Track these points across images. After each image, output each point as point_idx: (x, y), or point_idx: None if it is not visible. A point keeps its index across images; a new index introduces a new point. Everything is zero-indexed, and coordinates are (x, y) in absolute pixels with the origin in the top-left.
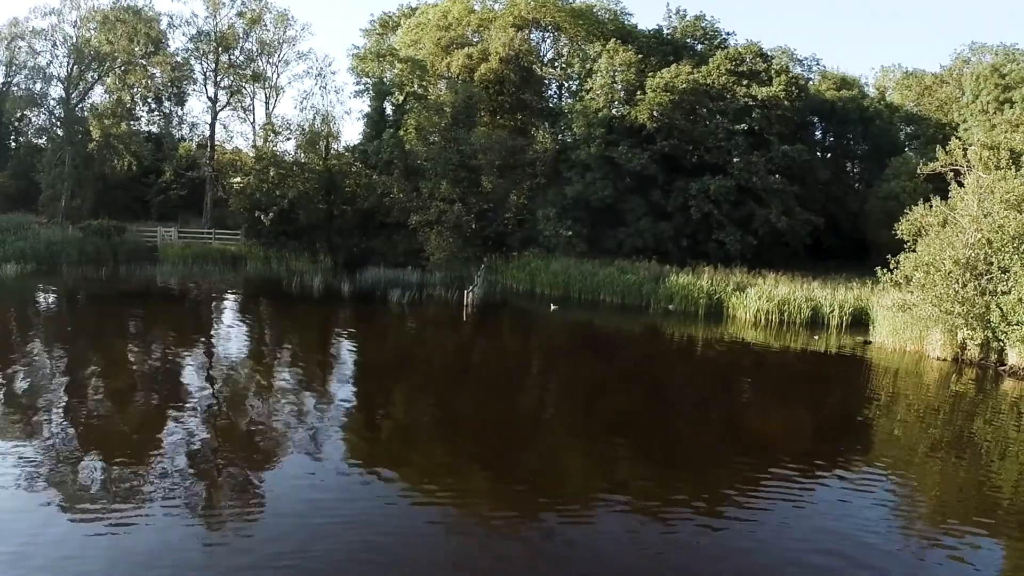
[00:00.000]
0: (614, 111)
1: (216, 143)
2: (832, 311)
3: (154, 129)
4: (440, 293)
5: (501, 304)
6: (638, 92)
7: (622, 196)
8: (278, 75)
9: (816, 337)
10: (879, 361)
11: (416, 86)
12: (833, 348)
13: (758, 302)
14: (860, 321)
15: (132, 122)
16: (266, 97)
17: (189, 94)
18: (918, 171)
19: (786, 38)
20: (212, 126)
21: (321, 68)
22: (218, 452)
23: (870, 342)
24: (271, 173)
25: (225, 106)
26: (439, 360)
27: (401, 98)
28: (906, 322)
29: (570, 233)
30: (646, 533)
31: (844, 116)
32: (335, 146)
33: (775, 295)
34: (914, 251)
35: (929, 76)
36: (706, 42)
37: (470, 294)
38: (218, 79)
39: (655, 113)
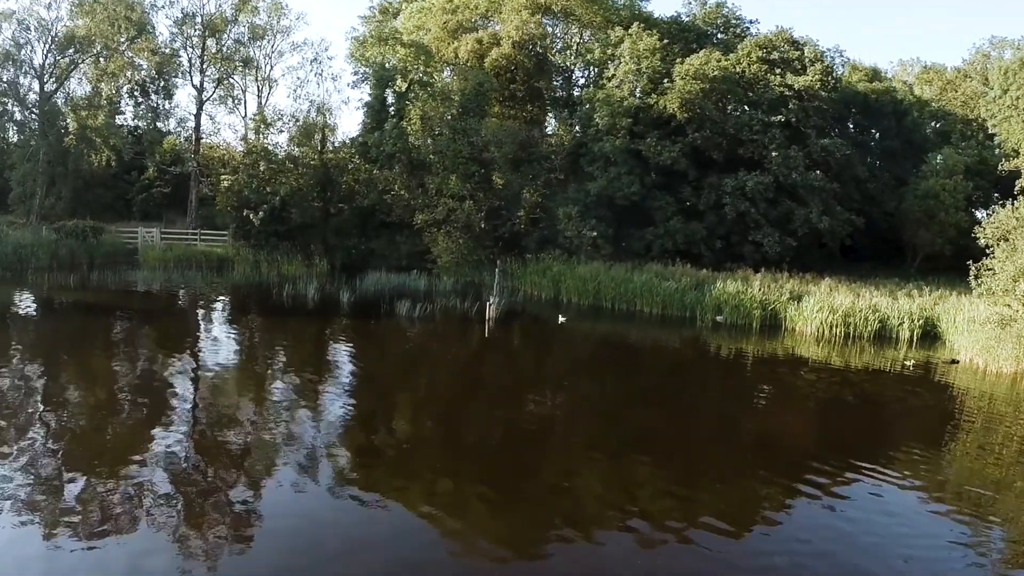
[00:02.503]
0: (639, 100)
1: (202, 136)
2: (901, 323)
3: (140, 123)
4: (455, 304)
5: (525, 316)
6: (665, 80)
7: (650, 193)
8: (271, 67)
9: (909, 363)
10: (969, 383)
11: (421, 72)
12: (911, 367)
13: (820, 313)
14: (928, 334)
15: (115, 114)
16: (259, 90)
17: (177, 86)
18: (1000, 168)
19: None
20: (197, 117)
21: (317, 53)
22: (202, 481)
23: (957, 360)
24: (261, 168)
25: (211, 95)
26: (468, 391)
27: (405, 86)
28: (999, 338)
29: (594, 234)
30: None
31: (877, 109)
32: (332, 139)
33: (838, 305)
34: (992, 256)
35: (951, 70)
36: (728, 31)
37: (491, 306)
38: (204, 66)
39: (685, 103)
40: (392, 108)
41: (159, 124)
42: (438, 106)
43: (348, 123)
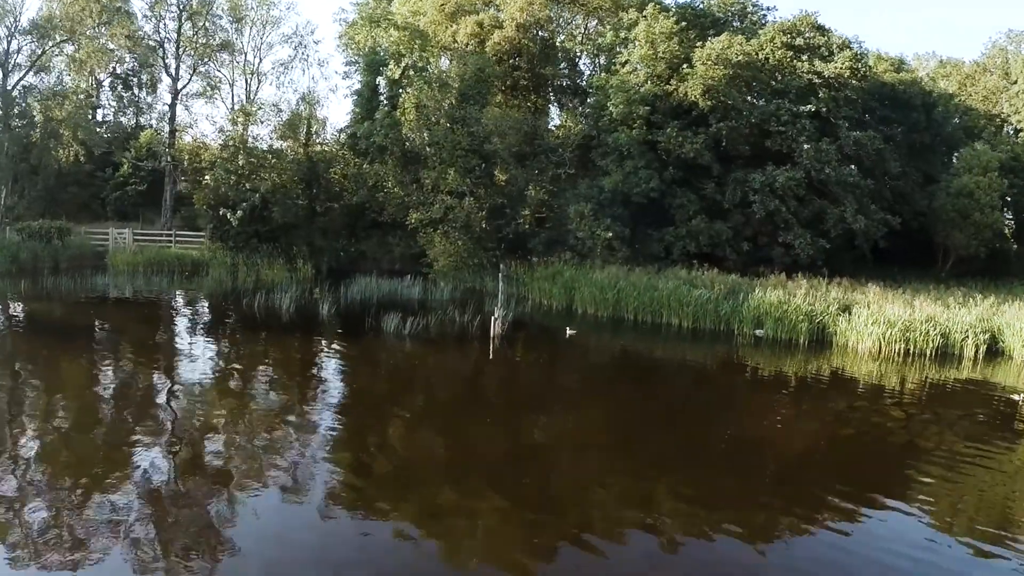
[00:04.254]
0: (656, 88)
1: (177, 128)
2: (964, 338)
3: (122, 118)
4: (452, 316)
5: (535, 330)
6: (684, 66)
7: (669, 189)
8: (260, 59)
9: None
10: None
11: (416, 57)
12: (980, 389)
13: (875, 327)
14: (990, 349)
15: (92, 107)
16: (246, 83)
17: (161, 80)
18: None
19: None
20: (172, 107)
21: (301, 37)
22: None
23: None
24: (240, 162)
25: (188, 84)
26: (472, 441)
27: (398, 71)
28: None
29: (609, 234)
30: None
31: (905, 101)
32: (322, 133)
33: (895, 318)
34: None
35: (969, 65)
36: (745, 18)
37: (496, 320)
38: (180, 51)
39: (708, 90)
40: (384, 95)
41: (141, 118)
42: (435, 93)
43: (336, 114)
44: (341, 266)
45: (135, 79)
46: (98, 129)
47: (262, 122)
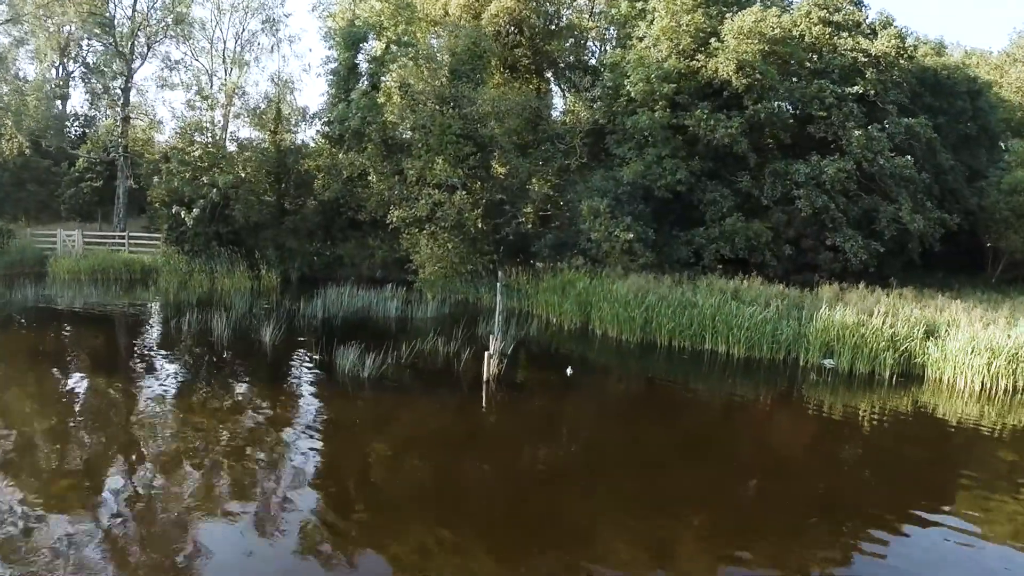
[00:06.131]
0: (681, 64)
1: (131, 115)
2: None
3: (91, 109)
4: (433, 343)
5: (540, 360)
6: (712, 40)
7: (698, 182)
8: (240, 47)
9: None
10: None
11: (400, 30)
12: None
13: (974, 356)
14: None
15: (59, 96)
16: (227, 72)
17: (135, 71)
18: None
19: None
20: (126, 92)
21: (270, 10)
22: None
23: None
24: (197, 153)
25: (142, 64)
26: None
27: (382, 47)
28: None
29: (630, 235)
30: None
31: (949, 88)
32: (297, 120)
33: (999, 344)
34: None
35: (997, 55)
36: None
37: (492, 356)
38: (136, 26)
39: (742, 65)
40: (363, 74)
41: (112, 111)
42: (421, 70)
43: (309, 97)
44: (315, 273)
45: (107, 69)
46: (67, 123)
47: (223, 106)
